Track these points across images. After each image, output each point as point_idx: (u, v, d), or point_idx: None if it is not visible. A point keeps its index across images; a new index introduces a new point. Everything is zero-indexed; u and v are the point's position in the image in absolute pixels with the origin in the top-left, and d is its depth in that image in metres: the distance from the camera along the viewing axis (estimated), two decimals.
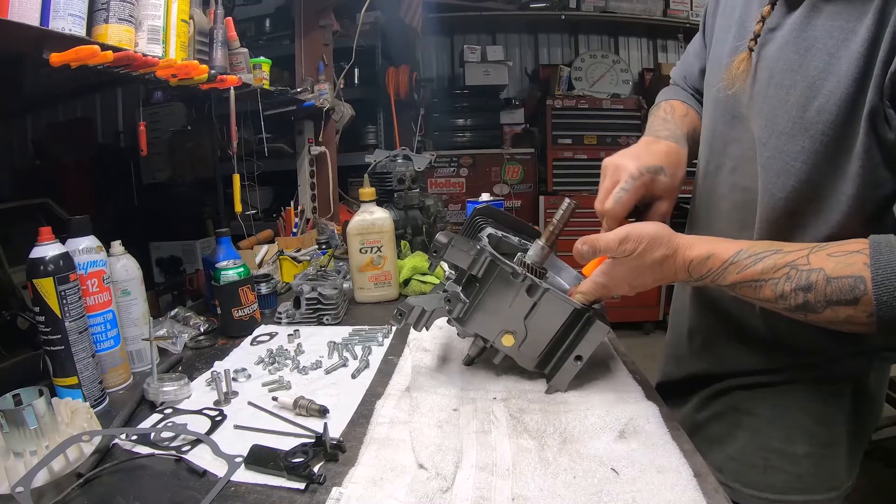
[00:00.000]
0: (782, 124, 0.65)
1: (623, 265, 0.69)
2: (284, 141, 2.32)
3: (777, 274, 0.60)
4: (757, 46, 0.69)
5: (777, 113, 0.65)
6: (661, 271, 0.68)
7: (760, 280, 0.61)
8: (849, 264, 0.56)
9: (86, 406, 0.71)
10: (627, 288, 0.71)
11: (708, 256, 0.65)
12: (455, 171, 3.68)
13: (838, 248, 0.58)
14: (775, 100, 0.66)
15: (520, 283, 0.70)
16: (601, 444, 0.62)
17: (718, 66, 0.77)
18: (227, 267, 1.07)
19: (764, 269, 0.60)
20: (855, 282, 0.55)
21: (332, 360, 0.92)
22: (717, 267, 0.64)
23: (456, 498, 0.54)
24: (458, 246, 0.72)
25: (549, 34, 4.21)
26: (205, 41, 1.22)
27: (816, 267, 0.58)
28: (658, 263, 0.67)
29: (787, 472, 0.76)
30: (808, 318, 0.60)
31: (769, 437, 0.77)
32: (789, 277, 0.59)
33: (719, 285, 0.65)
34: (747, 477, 0.78)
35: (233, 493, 0.58)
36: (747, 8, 0.74)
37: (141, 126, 1.19)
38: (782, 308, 0.61)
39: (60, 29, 0.82)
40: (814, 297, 0.57)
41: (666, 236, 0.67)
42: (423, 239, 1.55)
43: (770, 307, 0.63)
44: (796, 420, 0.76)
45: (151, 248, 2.54)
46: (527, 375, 0.78)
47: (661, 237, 0.67)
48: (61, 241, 0.77)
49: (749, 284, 0.62)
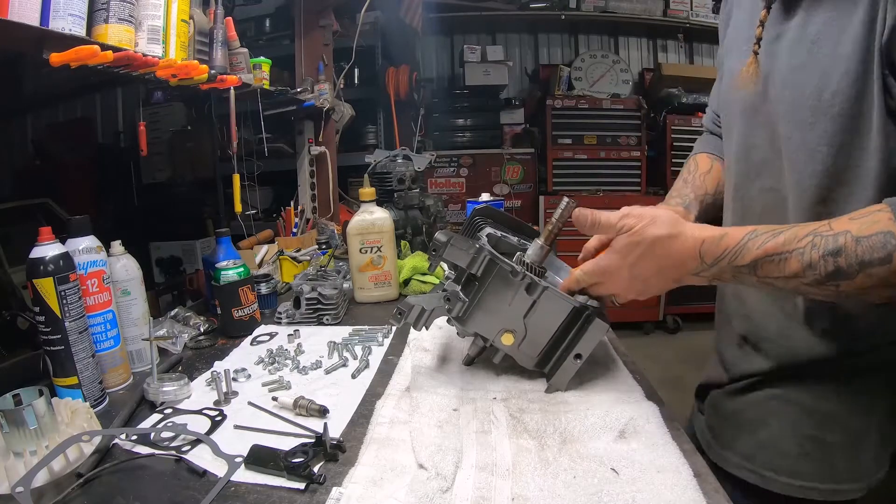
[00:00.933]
0: (802, 115, 0.65)
1: (622, 251, 0.65)
2: (284, 141, 2.32)
3: (801, 243, 0.57)
4: (762, 53, 0.71)
5: (796, 107, 0.66)
6: (667, 258, 0.64)
7: (784, 252, 0.58)
8: (874, 222, 0.55)
9: (86, 406, 0.71)
10: (626, 280, 0.67)
11: (722, 235, 0.62)
12: (455, 171, 3.69)
13: (858, 213, 0.57)
14: (793, 97, 0.66)
15: (519, 281, 0.70)
16: (601, 445, 0.62)
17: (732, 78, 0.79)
18: (227, 267, 1.07)
19: (786, 241, 0.58)
20: (885, 237, 0.54)
21: (332, 360, 0.92)
22: (733, 245, 0.61)
23: (456, 498, 0.54)
24: (458, 245, 0.72)
25: (549, 34, 4.22)
26: (205, 41, 1.22)
27: (841, 230, 0.56)
28: (662, 244, 0.63)
29: (819, 459, 0.74)
30: (840, 288, 0.56)
31: (803, 424, 0.75)
32: (814, 245, 0.57)
33: (737, 267, 0.61)
34: (779, 464, 0.76)
35: (233, 493, 0.58)
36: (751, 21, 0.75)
37: (141, 126, 1.19)
38: (811, 281, 0.57)
39: (60, 29, 0.82)
40: (844, 260, 0.55)
41: (671, 217, 0.64)
42: (423, 239, 1.55)
43: (795, 286, 0.59)
44: (832, 409, 0.74)
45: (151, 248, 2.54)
46: (527, 375, 0.78)
47: (665, 216, 0.64)
48: (61, 241, 0.77)
49: (772, 259, 0.59)
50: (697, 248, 0.63)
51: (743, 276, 0.61)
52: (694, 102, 3.61)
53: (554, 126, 3.65)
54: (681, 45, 4.11)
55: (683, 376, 3.09)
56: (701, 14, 3.88)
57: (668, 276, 0.66)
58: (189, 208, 2.79)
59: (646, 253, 0.64)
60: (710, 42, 4.17)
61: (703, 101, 3.64)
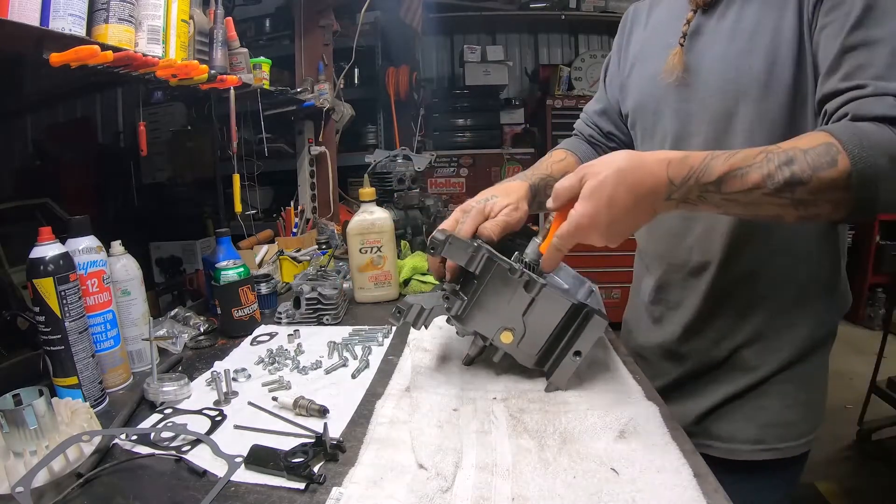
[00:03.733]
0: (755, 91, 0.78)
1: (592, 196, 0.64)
2: (284, 141, 2.32)
3: (757, 159, 0.64)
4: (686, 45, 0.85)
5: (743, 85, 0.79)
6: (639, 185, 0.63)
7: (744, 167, 0.64)
8: (814, 138, 0.64)
9: (86, 406, 0.71)
10: (605, 224, 0.64)
11: (685, 156, 0.65)
12: (455, 171, 3.69)
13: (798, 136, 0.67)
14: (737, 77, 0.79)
15: (517, 279, 0.70)
16: (601, 444, 0.62)
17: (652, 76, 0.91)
18: (227, 267, 1.07)
19: (744, 157, 0.64)
20: (827, 147, 0.62)
21: (332, 360, 0.92)
22: (697, 164, 0.64)
23: (456, 498, 0.54)
24: (456, 243, 0.72)
25: (549, 34, 4.22)
26: (205, 41, 1.22)
27: (789, 147, 0.64)
28: (631, 173, 0.63)
29: (814, 413, 0.89)
30: (796, 194, 0.63)
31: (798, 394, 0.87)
32: (769, 159, 0.63)
33: (703, 185, 0.64)
34: (789, 434, 0.87)
35: (233, 493, 0.58)
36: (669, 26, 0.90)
37: (141, 126, 1.18)
38: (771, 189, 0.63)
39: (60, 29, 0.82)
40: (798, 167, 0.62)
41: (626, 152, 0.66)
42: (423, 239, 1.55)
43: (757, 197, 0.64)
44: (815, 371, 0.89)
45: (151, 248, 2.54)
46: (526, 375, 0.78)
47: (620, 152, 0.66)
48: (61, 241, 0.77)
49: (734, 174, 0.64)
50: (665, 171, 0.64)
51: (709, 193, 0.65)
52: None
53: (554, 126, 3.65)
54: None
55: None
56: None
57: (645, 206, 0.65)
58: (189, 208, 2.78)
59: (617, 187, 0.63)
60: None
61: None
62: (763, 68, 0.77)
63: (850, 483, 2.18)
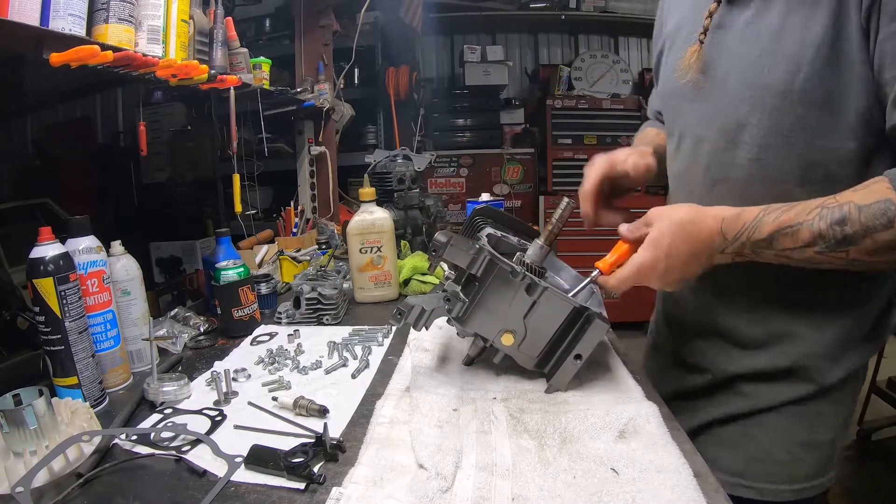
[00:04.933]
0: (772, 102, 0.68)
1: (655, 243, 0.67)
2: (284, 141, 2.32)
3: (810, 216, 0.61)
4: (707, 40, 0.75)
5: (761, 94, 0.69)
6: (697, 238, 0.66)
7: (795, 224, 0.62)
8: (874, 192, 0.59)
9: (86, 406, 0.71)
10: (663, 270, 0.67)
11: (739, 213, 0.66)
12: (455, 171, 3.69)
13: (859, 185, 0.62)
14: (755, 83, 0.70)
15: (519, 281, 0.70)
16: (601, 444, 0.62)
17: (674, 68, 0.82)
18: (227, 267, 1.07)
19: (797, 214, 0.63)
20: (885, 204, 0.58)
21: (332, 360, 0.92)
22: (750, 221, 0.65)
23: (456, 498, 0.54)
24: (458, 245, 0.72)
25: (549, 34, 4.21)
26: (205, 41, 1.21)
27: (845, 201, 0.60)
28: (691, 225, 0.66)
29: (814, 458, 0.76)
30: (850, 255, 0.60)
31: (795, 431, 0.76)
32: (822, 216, 0.61)
33: (755, 241, 0.65)
34: (775, 474, 0.77)
35: (233, 493, 0.58)
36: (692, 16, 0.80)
37: (141, 126, 1.18)
38: (822, 249, 0.61)
39: (60, 29, 0.82)
40: (851, 227, 0.59)
41: (688, 204, 0.69)
42: (423, 239, 1.56)
43: (810, 255, 0.63)
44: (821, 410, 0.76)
45: (151, 248, 2.54)
46: (527, 375, 0.78)
47: (682, 205, 0.69)
48: (61, 241, 0.77)
49: (786, 232, 0.62)
50: (719, 226, 0.66)
51: (761, 249, 0.65)
52: None
53: (554, 126, 3.65)
54: None
55: None
56: None
57: (700, 257, 0.68)
58: (189, 208, 2.78)
59: (675, 238, 0.67)
60: None
61: None
62: (783, 77, 0.66)
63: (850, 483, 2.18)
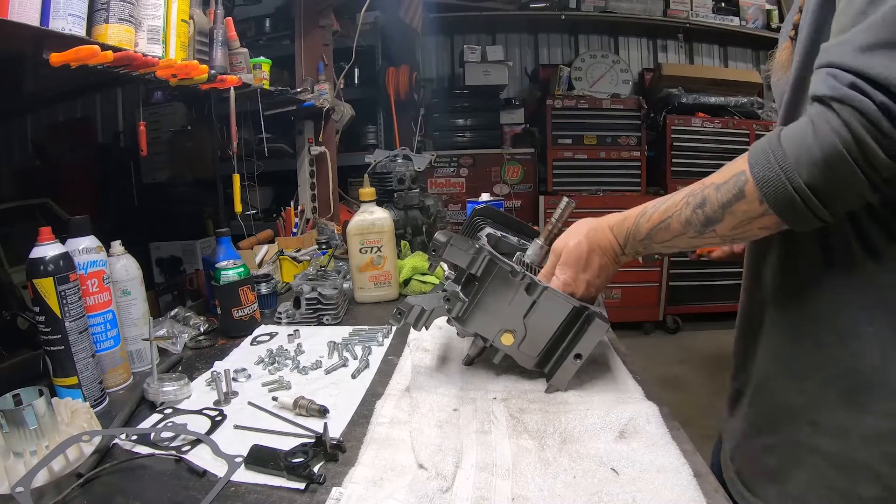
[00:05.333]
0: None
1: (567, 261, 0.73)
2: (284, 141, 2.32)
3: (678, 206, 0.64)
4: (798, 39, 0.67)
5: None
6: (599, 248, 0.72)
7: (666, 219, 0.65)
8: (731, 168, 0.59)
9: (86, 406, 0.71)
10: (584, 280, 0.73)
11: (624, 218, 0.70)
12: (455, 171, 3.68)
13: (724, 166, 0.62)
14: None
15: (518, 281, 0.70)
16: (601, 444, 0.62)
17: None
18: (227, 267, 1.07)
19: (667, 208, 0.65)
20: (737, 177, 0.58)
21: (332, 360, 0.92)
22: (631, 225, 0.69)
23: (456, 498, 0.54)
24: (457, 245, 0.72)
25: (549, 34, 4.21)
26: (205, 41, 1.21)
27: (708, 184, 0.61)
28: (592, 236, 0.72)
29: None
30: (718, 232, 0.61)
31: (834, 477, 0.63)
32: (688, 203, 0.63)
33: (640, 241, 0.68)
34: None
35: (233, 493, 0.58)
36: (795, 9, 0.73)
37: (141, 126, 1.18)
38: (694, 234, 0.62)
39: (60, 29, 0.82)
40: (710, 208, 0.60)
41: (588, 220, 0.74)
42: (423, 239, 1.56)
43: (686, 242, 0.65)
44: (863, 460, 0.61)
45: (151, 248, 2.54)
46: (527, 375, 0.78)
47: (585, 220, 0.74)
48: (61, 241, 0.77)
49: (659, 228, 0.65)
50: (612, 233, 0.71)
51: (649, 246, 0.69)
52: (694, 102, 3.61)
53: (554, 126, 3.65)
54: (681, 45, 4.11)
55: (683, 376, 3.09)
56: (701, 14, 3.88)
57: (609, 262, 0.73)
58: (189, 208, 2.79)
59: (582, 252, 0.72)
60: (710, 42, 4.17)
61: (702, 101, 3.63)
62: None
63: None
